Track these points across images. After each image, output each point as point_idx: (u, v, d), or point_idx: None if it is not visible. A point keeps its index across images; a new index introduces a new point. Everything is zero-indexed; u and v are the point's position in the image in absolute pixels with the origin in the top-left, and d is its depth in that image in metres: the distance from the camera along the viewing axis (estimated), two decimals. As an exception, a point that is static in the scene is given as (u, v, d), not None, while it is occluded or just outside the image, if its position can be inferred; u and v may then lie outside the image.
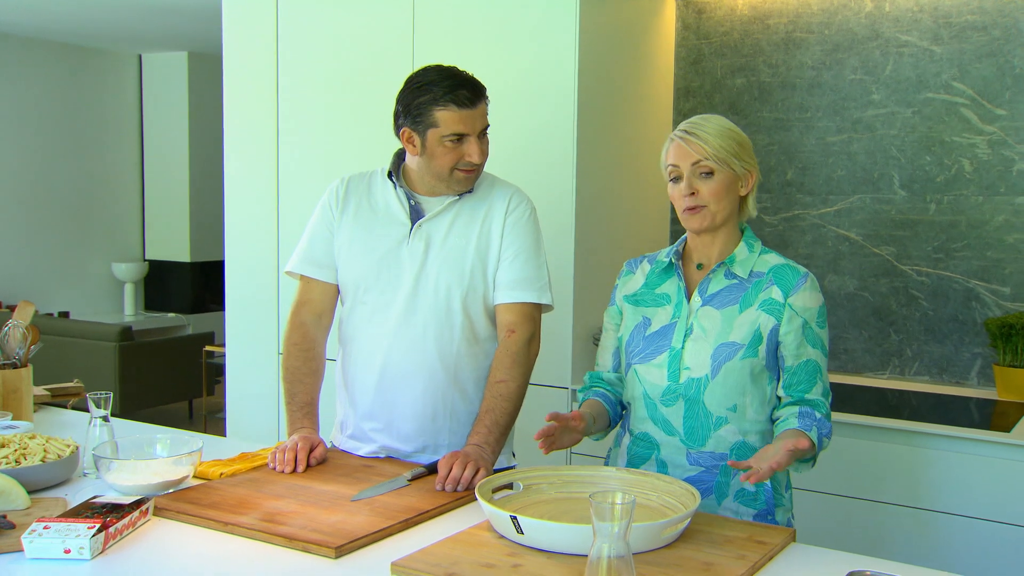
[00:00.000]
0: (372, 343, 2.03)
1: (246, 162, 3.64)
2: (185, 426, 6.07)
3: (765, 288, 1.77)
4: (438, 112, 1.93)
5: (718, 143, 1.76)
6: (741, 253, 1.81)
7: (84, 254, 7.32)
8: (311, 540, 1.50)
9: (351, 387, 2.09)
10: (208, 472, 1.87)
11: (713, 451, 1.77)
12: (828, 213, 3.26)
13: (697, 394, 1.76)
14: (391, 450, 2.04)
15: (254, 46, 3.57)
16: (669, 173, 1.80)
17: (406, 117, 1.98)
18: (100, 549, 1.47)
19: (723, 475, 1.78)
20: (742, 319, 1.76)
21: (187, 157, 7.37)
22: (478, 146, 1.95)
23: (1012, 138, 2.98)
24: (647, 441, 1.83)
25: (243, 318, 3.68)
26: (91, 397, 1.89)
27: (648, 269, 1.90)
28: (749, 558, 1.46)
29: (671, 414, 1.79)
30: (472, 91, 1.94)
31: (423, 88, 1.95)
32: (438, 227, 2.02)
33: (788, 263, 1.81)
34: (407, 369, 2.01)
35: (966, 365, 3.08)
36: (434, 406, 2.02)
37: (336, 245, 2.08)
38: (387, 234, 2.03)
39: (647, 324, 1.84)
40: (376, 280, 2.02)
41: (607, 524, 1.20)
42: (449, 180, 1.99)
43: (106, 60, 7.35)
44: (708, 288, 1.80)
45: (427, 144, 1.96)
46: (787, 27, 3.29)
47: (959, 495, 2.52)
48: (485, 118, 1.98)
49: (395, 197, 2.05)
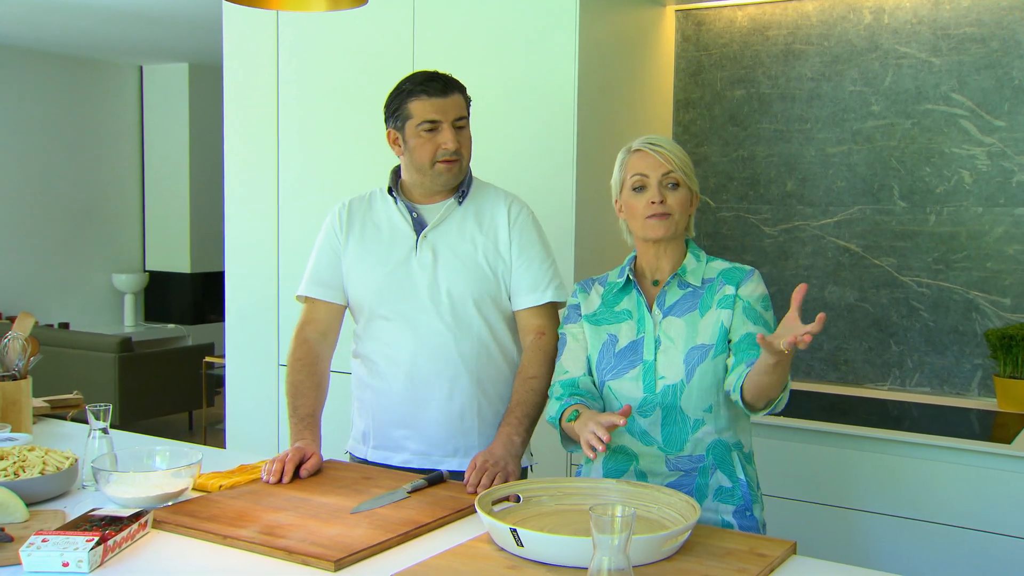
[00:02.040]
0: (394, 354, 2.08)
1: (246, 173, 3.65)
2: (185, 437, 6.06)
3: (719, 289, 1.84)
4: (411, 103, 2.03)
5: (683, 159, 1.86)
6: (691, 263, 1.88)
7: (84, 265, 7.32)
8: (310, 553, 1.50)
9: (376, 398, 2.12)
10: (207, 484, 1.87)
11: (691, 454, 1.82)
12: (828, 224, 3.26)
13: (674, 400, 1.81)
14: (424, 455, 2.08)
15: (255, 57, 3.58)
16: (634, 183, 1.85)
17: (388, 118, 2.09)
18: (98, 562, 1.46)
19: (702, 477, 1.82)
20: (705, 321, 1.83)
21: (187, 168, 7.38)
22: (452, 133, 2.02)
23: (1011, 149, 2.98)
24: (624, 454, 1.86)
25: (243, 329, 3.68)
26: (90, 409, 1.89)
27: (602, 290, 1.94)
28: (749, 571, 1.46)
29: (648, 424, 1.83)
30: (443, 83, 2.04)
31: (399, 87, 2.07)
32: (443, 235, 2.08)
33: (735, 265, 1.89)
34: (432, 375, 2.06)
35: (967, 376, 3.08)
36: (461, 409, 2.08)
37: (345, 266, 2.13)
38: (394, 248, 2.09)
39: (615, 341, 1.87)
40: (390, 293, 2.07)
41: (607, 537, 1.20)
42: (432, 175, 2.05)
43: (107, 71, 7.37)
44: (666, 300, 1.87)
45: (407, 138, 2.05)
46: (786, 39, 3.30)
47: (960, 507, 2.51)
48: (460, 109, 2.05)
49: (396, 211, 2.12)
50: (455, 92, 2.05)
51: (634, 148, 1.87)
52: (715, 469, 1.83)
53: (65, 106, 7.11)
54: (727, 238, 3.42)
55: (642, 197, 1.84)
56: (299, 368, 2.11)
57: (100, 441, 1.87)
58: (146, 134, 7.61)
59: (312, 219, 3.48)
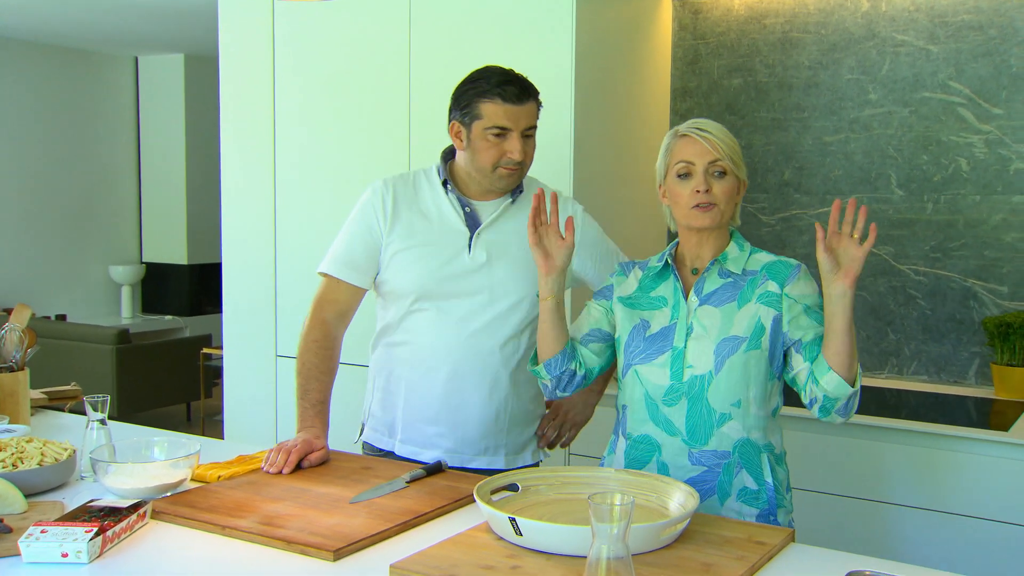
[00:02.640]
0: (436, 350, 2.04)
1: (243, 164, 3.64)
2: (183, 429, 6.06)
3: (761, 283, 1.79)
4: (483, 104, 1.96)
5: (731, 146, 1.79)
6: (732, 251, 1.82)
7: (81, 257, 7.31)
8: (309, 543, 1.50)
9: (409, 392, 2.08)
10: (206, 475, 1.86)
11: (716, 450, 1.77)
12: (825, 213, 3.26)
13: (700, 391, 1.76)
14: (455, 453, 2.06)
15: (250, 48, 3.57)
16: (679, 170, 1.79)
17: (456, 110, 2.02)
18: (98, 553, 1.46)
19: (725, 474, 1.77)
20: (742, 314, 1.77)
21: (184, 159, 7.36)
22: (520, 144, 1.97)
23: (1009, 137, 2.98)
24: (647, 443, 1.82)
25: (241, 320, 3.67)
26: (88, 400, 1.89)
27: (640, 274, 1.90)
28: (748, 559, 1.46)
29: (673, 414, 1.78)
30: (520, 88, 1.97)
31: (474, 81, 1.99)
32: (498, 235, 2.05)
33: (779, 259, 1.82)
34: (475, 377, 2.04)
35: (964, 364, 3.08)
36: (497, 410, 2.07)
37: (387, 253, 2.06)
38: (446, 243, 2.04)
39: (646, 326, 1.83)
40: (439, 288, 2.03)
41: (606, 525, 1.20)
42: (492, 177, 2.01)
43: (101, 62, 7.34)
44: (704, 287, 1.81)
45: (472, 137, 1.99)
46: (783, 27, 3.29)
47: (958, 494, 2.52)
48: (532, 118, 2.00)
49: (448, 203, 2.06)
50: (530, 100, 1.98)
51: (681, 132, 1.81)
52: (740, 468, 1.77)
53: (60, 98, 7.09)
54: (725, 227, 3.41)
55: (687, 185, 1.78)
56: (315, 349, 2.04)
57: (98, 432, 1.87)
58: (142, 125, 7.59)
59: (309, 210, 3.48)
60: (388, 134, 3.30)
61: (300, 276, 3.49)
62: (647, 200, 3.43)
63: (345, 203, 2.19)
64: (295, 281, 3.51)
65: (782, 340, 1.77)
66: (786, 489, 1.83)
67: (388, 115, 3.29)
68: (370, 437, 2.17)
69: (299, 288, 3.49)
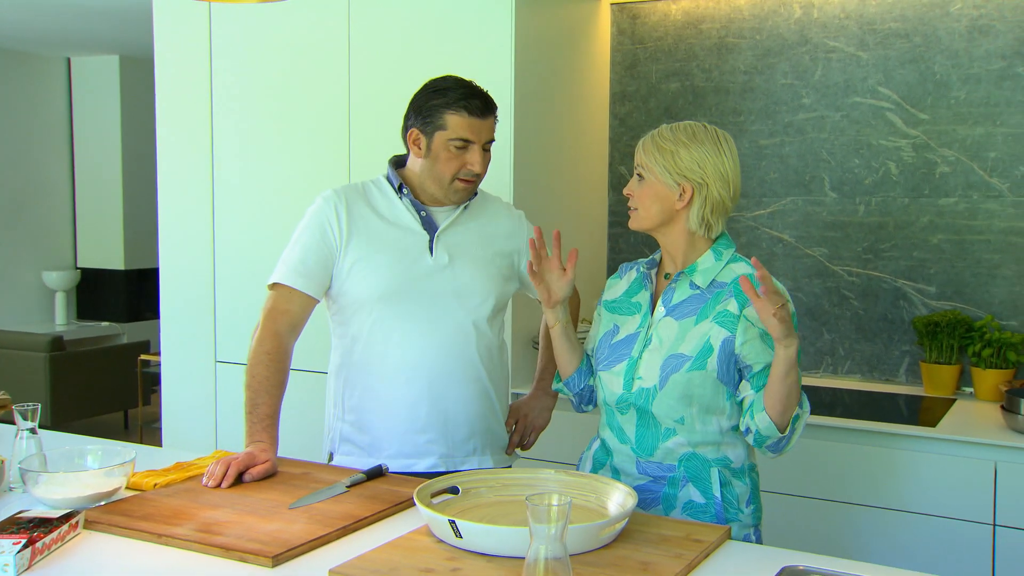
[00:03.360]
0: (412, 357, 2.03)
1: (180, 168, 3.58)
2: (121, 437, 5.93)
3: (724, 300, 1.75)
4: (448, 115, 1.98)
5: (654, 152, 1.78)
6: (705, 262, 1.79)
7: (12, 262, 7.11)
8: (248, 550, 1.49)
9: (390, 406, 2.04)
10: (142, 483, 1.84)
11: (661, 462, 1.79)
12: (762, 215, 3.32)
13: (646, 404, 1.77)
14: (448, 458, 2.07)
15: (187, 50, 3.52)
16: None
17: (416, 118, 2.03)
18: (27, 566, 1.43)
19: (671, 487, 1.78)
20: (695, 332, 1.76)
21: (120, 162, 7.21)
22: (480, 156, 2.01)
23: (934, 141, 3.07)
24: (604, 447, 1.88)
25: (179, 326, 3.62)
26: (17, 409, 1.84)
27: (633, 277, 1.92)
28: (685, 556, 1.49)
29: (625, 422, 1.82)
30: (484, 103, 2.01)
31: (438, 92, 2.01)
32: (457, 236, 2.07)
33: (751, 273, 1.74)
34: (457, 378, 2.05)
35: (895, 363, 3.16)
36: (481, 408, 2.09)
37: (344, 263, 2.03)
38: (406, 247, 2.04)
39: (615, 332, 1.87)
40: (406, 294, 2.02)
41: (543, 526, 1.21)
42: (448, 189, 2.03)
43: (32, 63, 7.16)
44: (672, 298, 1.81)
45: (432, 147, 2.01)
46: (720, 32, 3.35)
47: (889, 489, 2.58)
48: (492, 132, 2.05)
49: (403, 208, 2.06)
50: (491, 114, 2.03)
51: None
52: (686, 482, 1.77)
53: (-10, 99, 6.90)
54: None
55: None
56: (267, 362, 1.98)
57: (28, 441, 1.83)
58: (76, 128, 7.41)
59: (248, 214, 3.44)
60: (328, 138, 3.28)
61: (239, 281, 3.45)
62: (588, 204, 3.45)
63: (285, 207, 2.17)
64: (234, 286, 3.46)
65: (735, 360, 1.74)
66: (746, 503, 1.80)
67: (328, 119, 3.27)
68: (345, 463, 2.10)
69: (238, 293, 3.45)
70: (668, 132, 1.80)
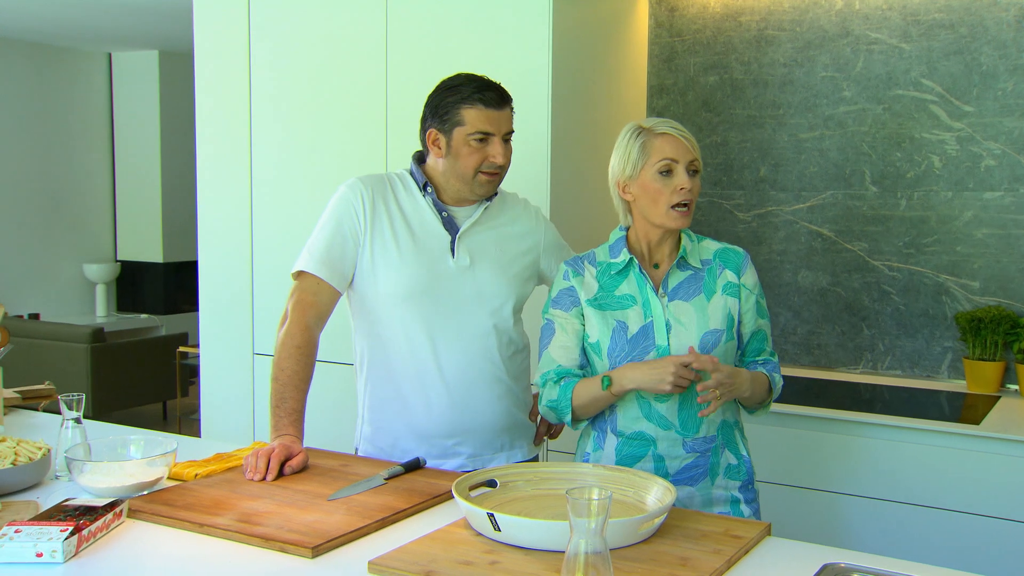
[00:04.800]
0: (435, 364, 2.02)
1: (219, 161, 3.62)
2: (160, 428, 6.02)
3: (719, 273, 1.89)
4: (465, 110, 1.97)
5: (697, 147, 1.87)
6: (688, 245, 1.90)
7: (55, 255, 7.23)
8: (287, 540, 1.50)
9: (415, 409, 2.04)
10: (183, 473, 1.86)
11: (705, 435, 1.87)
12: (801, 209, 3.28)
13: (690, 385, 1.79)
14: (476, 457, 2.07)
15: (226, 45, 3.55)
16: (661, 167, 1.82)
17: (434, 118, 2.02)
18: (73, 552, 1.45)
19: (714, 456, 1.88)
20: (713, 306, 1.86)
21: (159, 156, 7.31)
22: (502, 147, 2.00)
23: (980, 134, 3.01)
24: (641, 439, 1.86)
25: (217, 318, 3.65)
26: (63, 399, 1.87)
27: (595, 271, 1.91)
28: (725, 552, 1.48)
29: (666, 409, 1.84)
30: (499, 94, 2.01)
31: (452, 89, 2.00)
32: (478, 238, 2.06)
33: (725, 246, 1.93)
34: (480, 383, 2.05)
35: (937, 359, 3.12)
36: (506, 405, 2.09)
37: (366, 257, 2.02)
38: (428, 246, 2.03)
39: (624, 327, 1.85)
40: (429, 295, 2.01)
41: (584, 520, 1.21)
42: (472, 183, 2.02)
43: (75, 59, 7.27)
44: (669, 284, 1.87)
45: (452, 144, 2.00)
46: (759, 24, 3.32)
47: (931, 488, 2.55)
48: (511, 123, 2.03)
49: (426, 207, 2.05)
50: (508, 105, 2.01)
51: (659, 131, 1.83)
52: (724, 448, 1.89)
53: (33, 94, 7.01)
54: (701, 224, 3.43)
55: (669, 182, 1.81)
56: (296, 356, 1.95)
57: (73, 431, 1.85)
58: (116, 122, 7.52)
59: (286, 206, 3.46)
60: (365, 131, 3.29)
61: (277, 273, 3.48)
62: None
63: (323, 201, 2.17)
64: (272, 278, 3.49)
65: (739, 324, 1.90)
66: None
67: (365, 112, 3.28)
68: (375, 452, 2.11)
69: (276, 285, 3.48)
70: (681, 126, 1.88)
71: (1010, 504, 2.46)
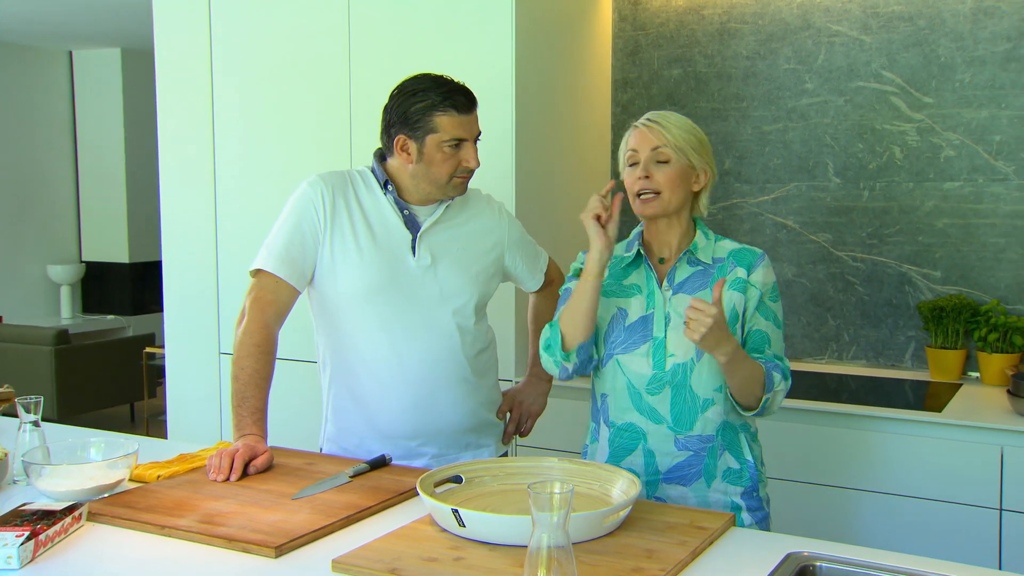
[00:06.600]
0: (398, 364, 2.00)
1: (181, 160, 3.58)
2: (127, 430, 5.95)
3: (729, 269, 1.84)
4: (438, 117, 1.94)
5: (678, 133, 1.82)
6: (700, 241, 1.87)
7: (17, 256, 7.12)
8: (251, 540, 1.48)
9: (378, 410, 2.03)
10: (145, 475, 1.84)
11: (700, 434, 1.81)
12: (766, 201, 3.30)
13: (684, 379, 1.79)
14: (441, 457, 2.06)
15: (187, 42, 3.51)
16: (628, 159, 1.84)
17: (403, 125, 1.97)
18: (30, 557, 1.43)
19: (710, 457, 1.82)
20: None
21: (123, 155, 7.21)
22: (474, 152, 1.99)
23: (939, 125, 3.05)
24: (632, 431, 1.85)
25: (182, 318, 3.62)
26: (20, 402, 1.84)
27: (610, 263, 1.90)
28: (690, 544, 1.48)
29: (657, 402, 1.82)
30: (467, 97, 1.98)
31: (418, 94, 1.95)
32: (440, 237, 2.04)
33: (744, 246, 1.89)
34: (445, 383, 2.03)
35: (900, 348, 3.15)
36: (472, 405, 2.08)
37: (325, 255, 2.00)
38: (389, 246, 2.01)
39: (624, 315, 1.86)
40: (390, 293, 1.99)
41: (546, 514, 1.20)
42: (446, 187, 2.01)
43: (35, 57, 7.15)
44: (675, 277, 1.85)
45: (425, 151, 1.97)
46: (722, 18, 3.33)
47: (895, 475, 2.58)
48: (479, 125, 2.02)
49: (387, 205, 2.03)
50: (475, 107, 2.00)
51: (634, 124, 1.85)
52: (724, 450, 1.82)
53: (-8, 93, 6.90)
54: (667, 217, 3.44)
55: (633, 173, 1.83)
56: (256, 355, 1.93)
57: (31, 434, 1.83)
58: (78, 121, 7.41)
59: (250, 205, 3.43)
60: (329, 128, 3.27)
61: (242, 272, 3.42)
62: (590, 191, 3.43)
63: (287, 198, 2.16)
64: (237, 277, 3.46)
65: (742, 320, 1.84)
66: (761, 463, 1.90)
67: (329, 109, 3.26)
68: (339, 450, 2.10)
69: (241, 284, 3.42)
70: (676, 118, 1.84)
71: (971, 490, 2.49)
